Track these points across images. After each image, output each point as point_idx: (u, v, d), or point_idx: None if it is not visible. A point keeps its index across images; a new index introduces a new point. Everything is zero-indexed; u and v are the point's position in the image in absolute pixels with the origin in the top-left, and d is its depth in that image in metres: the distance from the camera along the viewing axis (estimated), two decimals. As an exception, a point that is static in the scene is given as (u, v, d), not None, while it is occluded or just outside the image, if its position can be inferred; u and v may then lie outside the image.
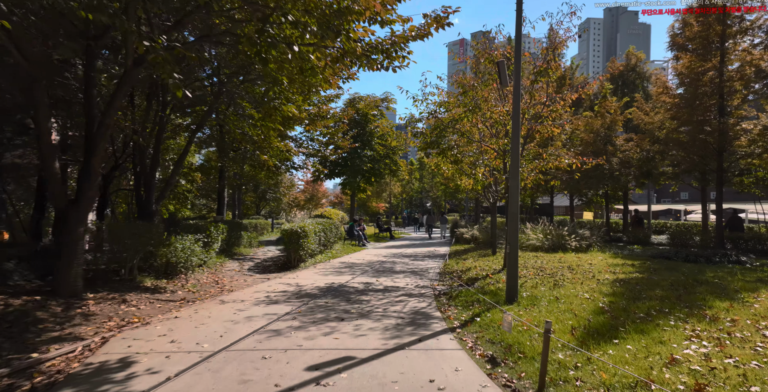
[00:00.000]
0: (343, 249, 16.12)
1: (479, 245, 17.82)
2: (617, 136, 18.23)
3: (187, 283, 7.85)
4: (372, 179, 23.71)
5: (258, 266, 11.34)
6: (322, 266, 11.38)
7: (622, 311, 5.34)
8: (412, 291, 7.79)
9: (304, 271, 10.37)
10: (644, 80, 22.29)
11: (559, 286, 7.42)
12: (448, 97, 9.90)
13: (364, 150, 23.72)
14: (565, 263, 10.68)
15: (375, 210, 49.00)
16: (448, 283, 8.78)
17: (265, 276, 9.64)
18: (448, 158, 9.76)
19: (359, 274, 9.95)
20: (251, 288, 7.98)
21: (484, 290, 7.50)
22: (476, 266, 10.70)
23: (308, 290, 7.76)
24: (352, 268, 11.02)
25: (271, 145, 11.14)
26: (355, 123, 23.11)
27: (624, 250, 14.19)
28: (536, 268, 9.84)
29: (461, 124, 9.85)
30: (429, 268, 11.22)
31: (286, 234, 10.79)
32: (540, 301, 6.22)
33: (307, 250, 11.32)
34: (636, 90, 22.25)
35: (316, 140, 15.25)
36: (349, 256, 14.17)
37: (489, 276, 9.03)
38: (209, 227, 9.82)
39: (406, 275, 9.94)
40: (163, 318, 5.51)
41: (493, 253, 13.60)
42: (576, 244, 13.80)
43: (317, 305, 6.47)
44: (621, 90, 22.03)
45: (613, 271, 9.14)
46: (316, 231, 12.58)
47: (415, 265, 11.83)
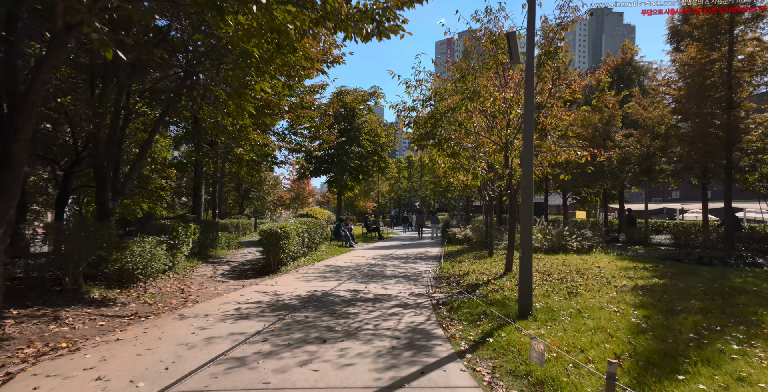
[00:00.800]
0: (329, 251, 15.07)
1: (473, 246, 16.94)
2: (615, 131, 17.49)
3: (144, 293, 6.74)
4: (360, 177, 22.66)
5: (234, 270, 10.23)
6: (305, 270, 10.32)
7: (664, 329, 4.42)
8: (407, 301, 6.79)
9: (284, 276, 9.30)
10: (640, 75, 21.66)
11: (574, 295, 6.50)
12: (444, 83, 8.92)
13: (352, 146, 22.66)
14: (570, 266, 9.80)
15: (363, 210, 47.94)
16: (446, 290, 7.81)
17: (239, 282, 8.55)
18: (444, 151, 8.79)
19: (346, 280, 8.93)
20: (221, 298, 6.90)
21: (489, 299, 6.54)
22: (474, 270, 9.76)
23: (287, 300, 6.71)
24: (339, 273, 10.00)
25: (248, 138, 10.05)
26: (341, 118, 22.04)
27: (626, 251, 13.40)
28: (542, 272, 8.93)
29: (458, 113, 8.89)
30: (422, 272, 10.25)
31: (265, 235, 9.71)
32: (559, 315, 5.27)
33: (288, 253, 10.25)
34: (632, 85, 21.61)
35: (299, 134, 14.19)
36: (336, 259, 13.13)
37: (491, 281, 8.09)
38: (176, 227, 8.70)
39: (399, 280, 8.95)
40: (101, 342, 4.42)
41: (490, 255, 12.70)
42: (577, 245, 12.97)
43: (296, 320, 5.44)
44: (617, 85, 21.36)
45: (628, 276, 8.27)
46: (299, 232, 11.52)
47: (408, 269, 10.85)
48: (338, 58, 9.42)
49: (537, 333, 4.51)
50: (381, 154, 23.38)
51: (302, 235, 11.90)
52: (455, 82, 8.60)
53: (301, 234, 11.78)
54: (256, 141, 10.23)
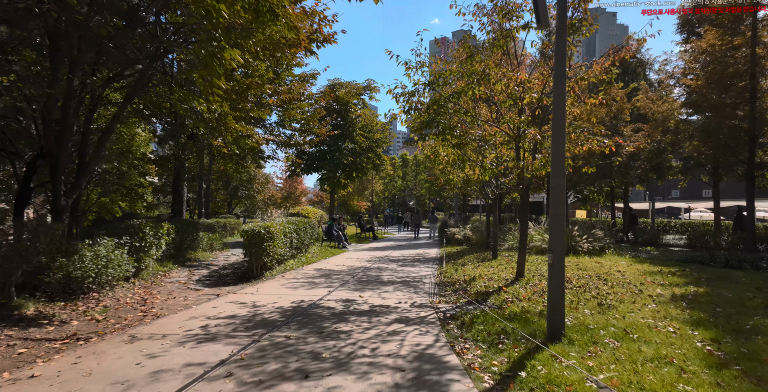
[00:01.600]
0: (320, 253, 14.01)
1: (473, 247, 15.98)
2: (624, 125, 16.59)
3: (95, 307, 5.65)
4: (353, 174, 21.63)
5: (212, 276, 9.15)
6: (292, 275, 9.26)
7: (749, 360, 3.43)
8: (409, 314, 5.76)
9: (268, 283, 8.24)
10: (646, 68, 20.81)
11: (607, 307, 5.51)
12: (448, 65, 7.89)
13: (345, 142, 21.61)
14: (586, 270, 8.83)
15: (356, 209, 46.90)
16: (453, 300, 6.79)
17: (215, 290, 7.47)
18: (448, 141, 7.78)
19: (338, 286, 7.88)
20: (188, 311, 5.82)
21: (505, 313, 5.53)
22: (481, 274, 8.75)
23: (267, 314, 5.65)
24: (329, 278, 8.94)
25: (227, 127, 8.96)
26: (334, 112, 20.98)
27: (639, 253, 12.48)
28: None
29: (465, 98, 7.88)
30: (423, 277, 9.23)
31: (247, 236, 8.64)
32: (599, 335, 4.27)
33: (273, 256, 9.18)
34: (638, 78, 20.74)
35: (289, 127, 13.12)
36: (327, 261, 12.08)
37: (503, 289, 7.08)
38: (143, 228, 7.60)
39: (397, 287, 7.92)
40: (6, 381, 3.35)
41: (494, 257, 11.72)
42: (588, 246, 12.02)
43: (273, 343, 4.39)
44: (622, 78, 20.48)
45: (657, 282, 7.30)
46: (287, 232, 10.45)
47: (406, 273, 9.82)
48: (329, 36, 8.36)
49: (583, 364, 3.50)
50: (375, 150, 22.35)
51: (290, 236, 10.84)
52: (461, 62, 7.59)
53: (289, 235, 10.72)
54: (237, 131, 9.14)
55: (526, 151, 8.26)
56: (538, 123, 8.25)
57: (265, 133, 11.40)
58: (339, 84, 20.96)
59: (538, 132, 7.55)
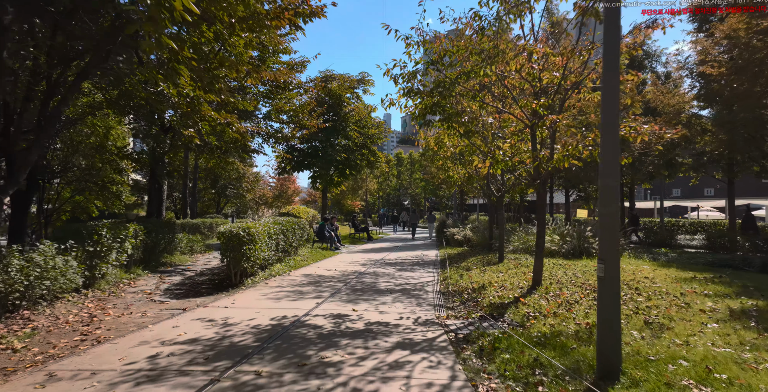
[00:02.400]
0: (310, 256, 12.92)
1: (474, 248, 14.96)
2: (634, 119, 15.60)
3: (21, 329, 4.53)
4: (347, 171, 20.51)
5: (185, 283, 8.03)
6: (277, 282, 8.17)
7: None
8: (413, 335, 4.70)
9: (247, 292, 7.14)
10: (653, 60, 19.90)
11: (659, 328, 4.48)
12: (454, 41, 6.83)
13: (338, 138, 20.50)
14: (610, 276, 7.81)
15: (350, 209, 45.83)
16: (463, 314, 5.74)
17: (183, 303, 6.36)
18: (455, 130, 6.74)
19: (328, 297, 6.81)
20: (141, 332, 4.72)
21: (531, 333, 4.49)
22: (491, 281, 7.72)
23: (237, 336, 4.57)
24: (319, 285, 7.86)
25: (202, 116, 7.85)
26: (326, 107, 19.86)
27: (657, 255, 11.52)
28: (579, 286, 6.93)
29: (472, 83, 6.86)
30: (424, 283, 8.18)
31: (224, 239, 7.53)
32: (671, 374, 3.23)
33: (254, 261, 8.08)
34: (644, 70, 19.83)
35: (276, 118, 12.01)
36: (318, 265, 10.99)
37: (520, 301, 6.05)
38: (98, 229, 6.47)
39: (396, 297, 6.86)
40: None
41: (500, 260, 10.70)
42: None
43: (238, 384, 3.31)
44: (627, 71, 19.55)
45: (697, 291, 6.30)
46: (272, 234, 9.35)
47: (405, 279, 8.76)
48: (318, 10, 7.28)
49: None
50: (370, 146, 21.26)
51: (276, 238, 9.74)
52: (470, 37, 6.53)
53: (275, 237, 9.62)
54: (214, 120, 8.03)
55: (544, 141, 7.25)
56: (557, 109, 7.22)
57: (250, 125, 10.21)
58: (331, 76, 19.84)
59: (559, 117, 6.54)
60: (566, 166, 6.40)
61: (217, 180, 26.75)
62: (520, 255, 11.83)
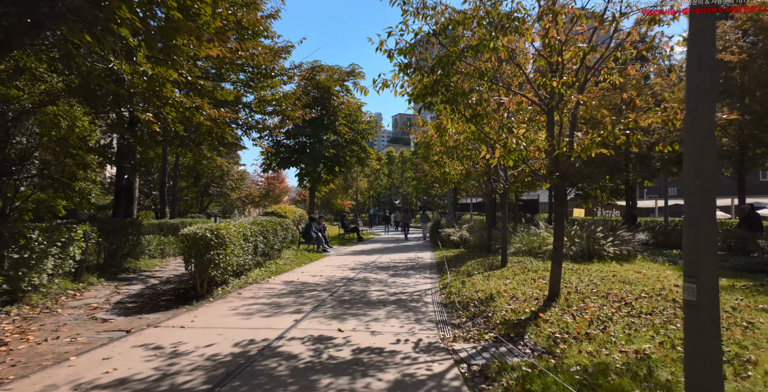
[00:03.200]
0: (295, 259, 11.81)
1: (472, 250, 13.97)
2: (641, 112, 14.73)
3: None
4: (336, 168, 19.42)
5: (143, 295, 6.87)
6: (252, 292, 7.05)
7: None
8: (415, 369, 3.64)
9: (214, 306, 6.02)
10: (655, 52, 19.09)
11: (740, 361, 3.48)
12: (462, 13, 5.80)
13: (327, 133, 19.40)
14: (633, 284, 6.84)
15: (340, 208, 44.70)
16: (473, 335, 4.69)
17: (130, 321, 5.23)
18: (459, 113, 5.70)
19: (309, 311, 5.72)
20: (53, 370, 3.59)
21: (568, 368, 3.46)
22: (499, 290, 6.70)
23: (183, 374, 3.47)
24: (301, 295, 6.77)
25: (165, 99, 6.71)
26: (314, 100, 18.75)
27: (672, 258, 10.63)
28: (602, 297, 5.93)
29: (482, 60, 5.83)
30: (422, 292, 7.12)
31: (187, 242, 6.40)
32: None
33: (226, 268, 6.95)
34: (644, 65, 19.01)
35: (256, 107, 10.87)
36: (302, 270, 9.88)
37: (540, 316, 5.02)
38: (26, 232, 5.31)
39: (391, 311, 5.80)
40: None
41: (503, 264, 9.71)
42: (615, 251, 10.08)
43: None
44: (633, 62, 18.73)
45: (750, 305, 5.33)
46: (249, 236, 8.24)
47: (400, 286, 7.70)
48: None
49: None
50: (360, 142, 20.19)
51: (254, 240, 8.62)
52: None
53: (252, 239, 8.50)
54: (180, 103, 6.89)
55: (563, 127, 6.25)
56: (578, 88, 6.21)
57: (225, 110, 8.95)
58: (319, 67, 18.72)
59: (583, 98, 5.55)
60: (594, 154, 5.39)
61: (199, 178, 25.45)
62: (523, 258, 10.85)
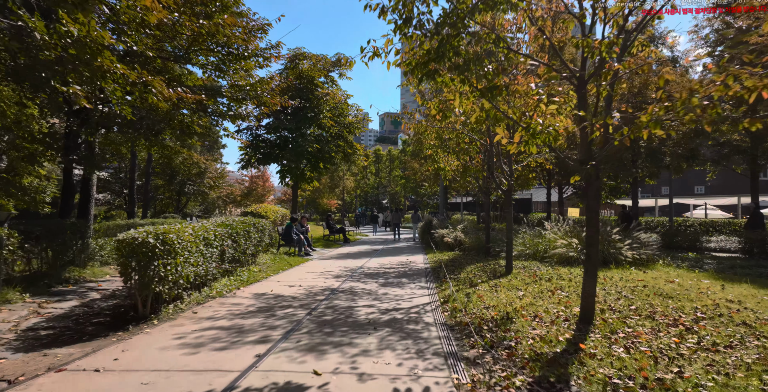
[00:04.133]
0: (272, 264, 10.46)
1: (468, 253, 12.79)
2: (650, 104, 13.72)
3: None
4: (320, 165, 18.04)
5: (70, 316, 5.46)
6: (212, 309, 5.71)
7: None
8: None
9: (155, 332, 4.67)
10: (658, 43, 18.17)
11: None
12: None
13: (311, 127, 18.03)
14: (670, 297, 5.68)
15: (326, 208, 43.27)
16: (497, 377, 3.43)
17: (28, 360, 3.85)
18: (471, 84, 4.46)
19: (279, 340, 4.41)
20: None
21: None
22: (512, 304, 5.49)
23: None
24: (272, 315, 5.44)
25: (101, 70, 5.33)
26: (296, 91, 17.36)
27: (692, 262, 9.55)
28: (647, 317, 4.73)
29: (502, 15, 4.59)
30: (419, 308, 5.86)
31: (124, 250, 5.02)
32: None
33: (176, 281, 5.58)
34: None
35: (227, 93, 9.47)
36: (278, 278, 8.53)
37: (581, 349, 3.80)
38: None
39: (384, 338, 4.51)
40: None
41: (508, 271, 8.53)
42: (633, 255, 8.95)
43: None
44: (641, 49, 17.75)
45: None
46: (213, 239, 6.87)
47: (393, 299, 6.42)
48: None
49: None
50: (347, 137, 18.85)
51: (220, 245, 7.26)
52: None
53: (218, 244, 7.14)
54: (120, 75, 5.50)
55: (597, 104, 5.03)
56: (617, 57, 5.00)
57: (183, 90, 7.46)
58: (302, 55, 17.33)
59: (631, 65, 4.37)
60: (647, 136, 4.17)
61: (174, 175, 23.82)
62: (527, 263, 9.70)
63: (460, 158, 11.37)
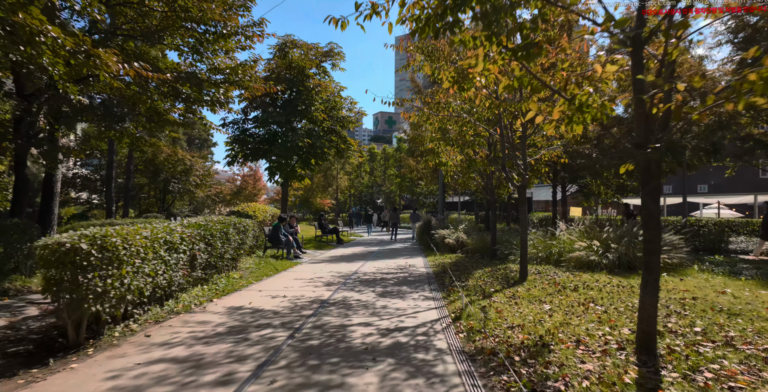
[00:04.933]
0: (256, 269, 9.34)
1: (472, 256, 11.75)
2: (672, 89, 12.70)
3: None
4: (312, 161, 16.88)
5: (-11, 341, 4.31)
6: (168, 332, 4.57)
7: None
8: None
9: (83, 368, 3.53)
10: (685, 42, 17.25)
11: None
12: None
13: (301, 120, 16.90)
14: (749, 317, 4.63)
15: (320, 208, 42.09)
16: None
17: None
18: (500, 43, 3.40)
19: (245, 378, 3.29)
20: None
21: None
22: (542, 324, 4.40)
23: None
24: (243, 339, 4.32)
25: (22, 28, 4.19)
26: (287, 82, 16.21)
27: (733, 268, 8.55)
28: (727, 343, 3.66)
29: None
30: (428, 327, 4.75)
31: (49, 257, 3.87)
32: None
33: (122, 297, 4.43)
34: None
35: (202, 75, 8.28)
36: (260, 287, 7.40)
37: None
38: None
39: (386, 375, 3.41)
40: None
41: (523, 278, 7.47)
42: (665, 259, 7.92)
43: None
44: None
45: None
46: (178, 243, 5.73)
47: (394, 315, 5.31)
48: None
49: None
50: (340, 132, 17.71)
51: (188, 249, 6.11)
52: None
53: (186, 248, 5.99)
54: (48, 36, 4.35)
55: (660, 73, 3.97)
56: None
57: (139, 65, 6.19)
58: (292, 43, 16.17)
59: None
60: (742, 107, 3.09)
61: (158, 173, 22.54)
62: (542, 268, 8.65)
63: (464, 152, 10.32)
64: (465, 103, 8.84)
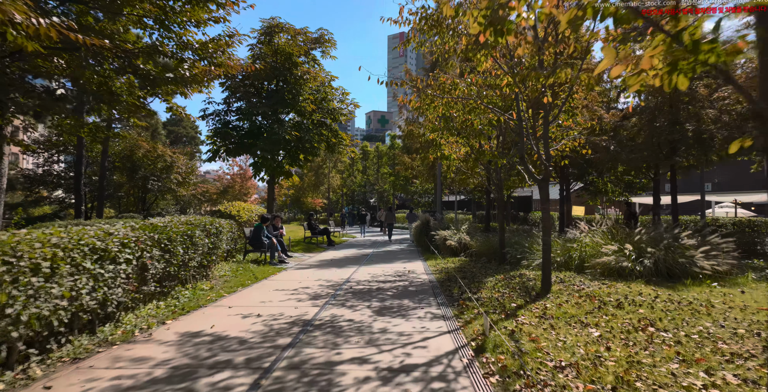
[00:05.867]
0: (234, 276, 8.03)
1: (477, 259, 10.52)
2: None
3: None
4: (300, 156, 15.54)
5: None
6: (86, 377, 3.25)
7: None
8: None
9: None
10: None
11: None
12: None
13: (289, 111, 15.58)
14: None
15: (311, 207, 40.72)
16: None
17: None
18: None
19: None
20: None
21: None
22: (603, 362, 3.11)
23: None
24: (190, 388, 3.02)
25: None
26: (272, 71, 14.88)
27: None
28: None
29: None
30: (443, 365, 3.47)
31: None
32: None
33: (2, 332, 3.10)
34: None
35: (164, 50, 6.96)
36: (231, 301, 6.06)
37: None
38: None
39: None
40: None
41: (546, 290, 6.22)
42: (712, 266, 6.72)
43: None
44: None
45: None
46: (114, 252, 4.40)
47: (396, 345, 4.02)
48: None
49: None
50: (331, 125, 16.39)
51: (133, 258, 4.78)
52: None
53: (127, 257, 4.65)
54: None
55: None
56: None
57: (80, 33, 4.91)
58: (278, 26, 14.82)
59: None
60: None
61: (135, 169, 21.04)
62: (562, 275, 7.44)
63: (469, 143, 9.10)
64: (474, 85, 7.63)
